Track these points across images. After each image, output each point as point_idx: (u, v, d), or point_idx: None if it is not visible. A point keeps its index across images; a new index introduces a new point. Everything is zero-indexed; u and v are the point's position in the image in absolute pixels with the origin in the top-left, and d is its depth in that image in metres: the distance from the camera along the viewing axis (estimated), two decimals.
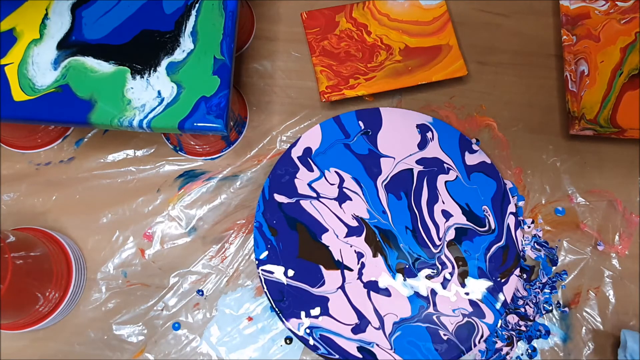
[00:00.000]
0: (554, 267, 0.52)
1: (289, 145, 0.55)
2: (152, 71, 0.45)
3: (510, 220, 0.52)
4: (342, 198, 0.52)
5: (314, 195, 0.52)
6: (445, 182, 0.53)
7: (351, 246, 0.51)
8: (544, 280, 0.52)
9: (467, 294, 0.50)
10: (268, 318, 0.51)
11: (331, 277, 0.50)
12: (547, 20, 0.61)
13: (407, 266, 0.50)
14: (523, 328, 0.51)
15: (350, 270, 0.50)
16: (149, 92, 0.45)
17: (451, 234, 0.51)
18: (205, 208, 0.53)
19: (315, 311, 0.48)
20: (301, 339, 0.48)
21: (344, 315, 0.49)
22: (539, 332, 0.51)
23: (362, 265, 0.50)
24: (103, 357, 0.49)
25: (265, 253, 0.50)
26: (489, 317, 0.49)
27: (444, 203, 0.52)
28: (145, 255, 0.52)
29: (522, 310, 0.51)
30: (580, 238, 0.53)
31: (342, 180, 0.53)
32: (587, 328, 0.51)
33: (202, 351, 0.50)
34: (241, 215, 0.53)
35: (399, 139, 0.54)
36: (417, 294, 0.49)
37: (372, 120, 0.54)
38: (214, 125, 0.44)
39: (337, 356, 0.47)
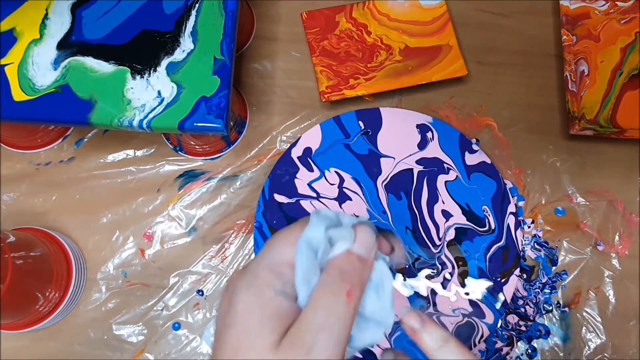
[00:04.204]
0: (554, 267, 0.52)
1: (289, 145, 0.55)
2: (152, 71, 0.45)
3: (510, 220, 0.52)
4: (342, 198, 0.52)
5: (314, 195, 0.52)
6: (445, 182, 0.53)
7: None
8: (544, 280, 0.52)
9: (467, 294, 0.50)
10: None
11: None
12: (547, 20, 0.61)
13: (407, 266, 0.50)
14: (523, 328, 0.51)
15: None
16: (149, 92, 0.45)
17: (451, 234, 0.51)
18: (205, 208, 0.53)
19: None
20: None
21: None
22: (539, 332, 0.51)
23: None
24: (103, 357, 0.49)
25: None
26: (489, 317, 0.49)
27: (444, 203, 0.52)
28: (145, 255, 0.52)
29: (522, 310, 0.51)
30: (580, 238, 0.53)
31: (342, 180, 0.53)
32: (587, 328, 0.51)
33: (202, 351, 0.50)
34: (241, 215, 0.53)
35: (399, 139, 0.54)
36: (417, 294, 0.50)
37: (372, 120, 0.54)
38: (214, 125, 0.44)
39: None
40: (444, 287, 0.50)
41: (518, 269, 0.51)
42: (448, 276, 0.50)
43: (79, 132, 0.55)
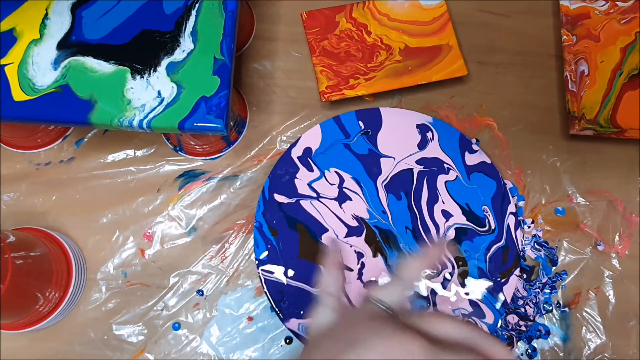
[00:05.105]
0: (554, 267, 0.52)
1: (289, 145, 0.55)
2: (152, 71, 0.45)
3: (510, 220, 0.52)
4: (342, 198, 0.52)
5: (314, 195, 0.52)
6: (445, 182, 0.53)
7: (351, 246, 0.51)
8: (544, 280, 0.52)
9: (467, 294, 0.50)
10: (268, 318, 0.51)
11: None
12: (547, 20, 0.61)
13: None
14: (523, 328, 0.51)
15: (350, 270, 0.50)
16: (149, 92, 0.45)
17: (451, 234, 0.51)
18: (205, 208, 0.53)
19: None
20: (301, 338, 0.48)
21: None
22: (539, 332, 0.51)
23: (362, 265, 0.50)
24: (103, 357, 0.49)
25: (265, 253, 0.50)
26: (489, 317, 0.49)
27: (444, 203, 0.52)
28: (145, 255, 0.52)
29: (522, 310, 0.51)
30: (580, 238, 0.53)
31: (342, 180, 0.53)
32: (587, 328, 0.51)
33: (202, 351, 0.50)
34: (241, 215, 0.53)
35: (399, 139, 0.54)
36: (417, 294, 0.49)
37: (372, 120, 0.54)
38: (214, 125, 0.44)
39: None
40: (444, 287, 0.50)
41: (518, 269, 0.51)
42: (448, 276, 0.50)
43: (79, 132, 0.55)
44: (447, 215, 0.52)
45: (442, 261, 0.35)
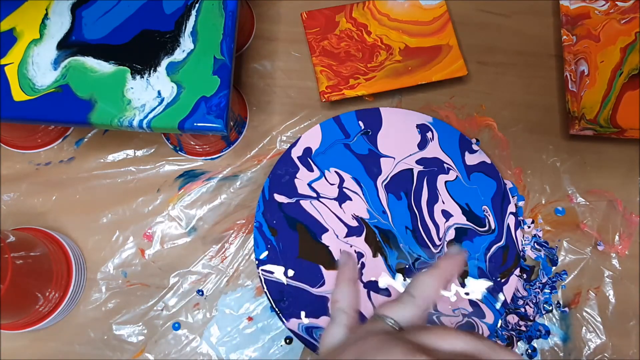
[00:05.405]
0: (554, 267, 0.52)
1: (289, 145, 0.55)
2: (152, 71, 0.45)
3: (510, 220, 0.52)
4: (342, 198, 0.52)
5: (314, 195, 0.52)
6: (445, 182, 0.53)
7: (351, 246, 0.51)
8: (544, 280, 0.52)
9: (467, 294, 0.50)
10: (268, 318, 0.51)
11: (331, 277, 0.50)
12: (547, 20, 0.61)
13: (407, 266, 0.50)
14: (523, 328, 0.51)
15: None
16: (149, 92, 0.45)
17: (451, 234, 0.51)
18: (205, 208, 0.53)
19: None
20: (301, 338, 0.48)
21: None
22: (539, 332, 0.51)
23: (362, 265, 0.50)
24: (103, 357, 0.49)
25: (265, 253, 0.50)
26: (489, 317, 0.49)
27: (444, 203, 0.52)
28: (145, 255, 0.52)
29: (522, 310, 0.51)
30: (580, 238, 0.53)
31: (342, 180, 0.53)
32: (587, 328, 0.51)
33: (202, 351, 0.50)
34: (241, 215, 0.53)
35: (399, 139, 0.54)
36: None
37: (372, 120, 0.54)
38: (214, 125, 0.44)
39: None
40: (444, 287, 0.50)
41: (518, 269, 0.51)
42: None
43: (79, 132, 0.55)
44: (447, 215, 0.52)
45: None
